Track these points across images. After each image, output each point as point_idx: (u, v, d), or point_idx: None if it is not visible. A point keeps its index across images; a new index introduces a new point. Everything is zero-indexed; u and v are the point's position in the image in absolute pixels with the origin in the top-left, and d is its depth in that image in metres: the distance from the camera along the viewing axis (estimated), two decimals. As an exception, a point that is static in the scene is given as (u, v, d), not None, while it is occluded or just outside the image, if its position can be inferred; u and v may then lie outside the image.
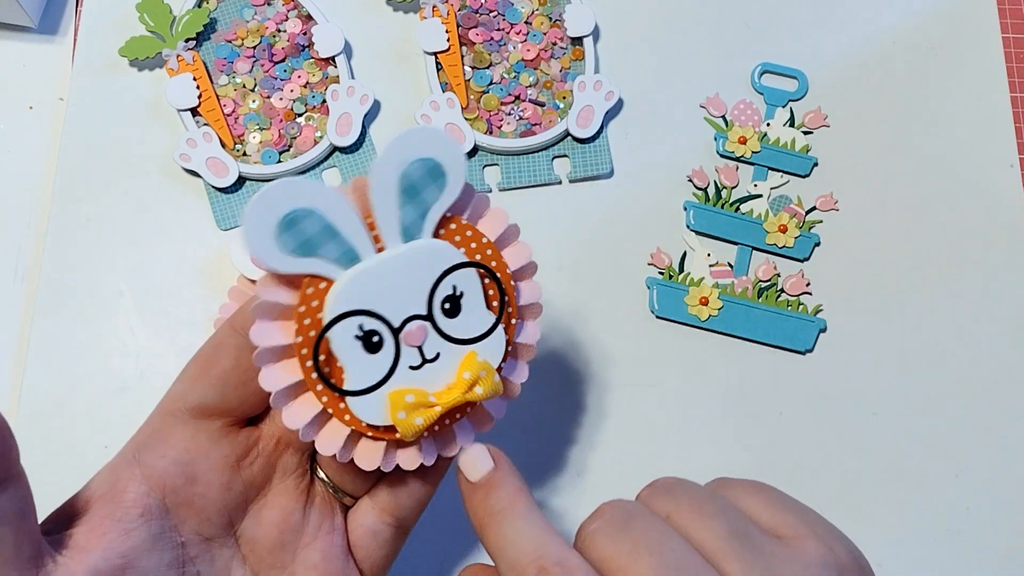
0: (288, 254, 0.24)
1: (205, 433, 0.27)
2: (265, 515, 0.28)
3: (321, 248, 0.24)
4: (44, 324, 0.41)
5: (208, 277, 0.42)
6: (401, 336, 0.25)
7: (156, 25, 0.44)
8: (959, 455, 0.41)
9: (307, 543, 0.28)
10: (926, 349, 0.42)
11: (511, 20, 0.45)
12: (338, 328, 0.25)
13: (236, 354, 0.27)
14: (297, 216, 0.24)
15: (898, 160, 0.45)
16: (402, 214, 0.25)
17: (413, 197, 0.25)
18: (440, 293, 0.25)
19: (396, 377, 0.25)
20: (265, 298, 0.24)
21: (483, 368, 0.26)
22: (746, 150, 0.44)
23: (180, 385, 0.28)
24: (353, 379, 0.25)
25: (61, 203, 0.43)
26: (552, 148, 0.44)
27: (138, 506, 0.25)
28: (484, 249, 0.26)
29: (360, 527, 0.29)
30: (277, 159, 0.43)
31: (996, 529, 0.40)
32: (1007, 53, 0.47)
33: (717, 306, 0.42)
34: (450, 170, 0.25)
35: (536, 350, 0.28)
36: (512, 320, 0.27)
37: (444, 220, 0.26)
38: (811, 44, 0.47)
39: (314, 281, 0.25)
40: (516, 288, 0.27)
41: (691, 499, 0.24)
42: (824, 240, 0.43)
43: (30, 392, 0.40)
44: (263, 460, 0.28)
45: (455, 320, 0.26)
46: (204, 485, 0.26)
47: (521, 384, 0.28)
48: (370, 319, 0.25)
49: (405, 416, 0.25)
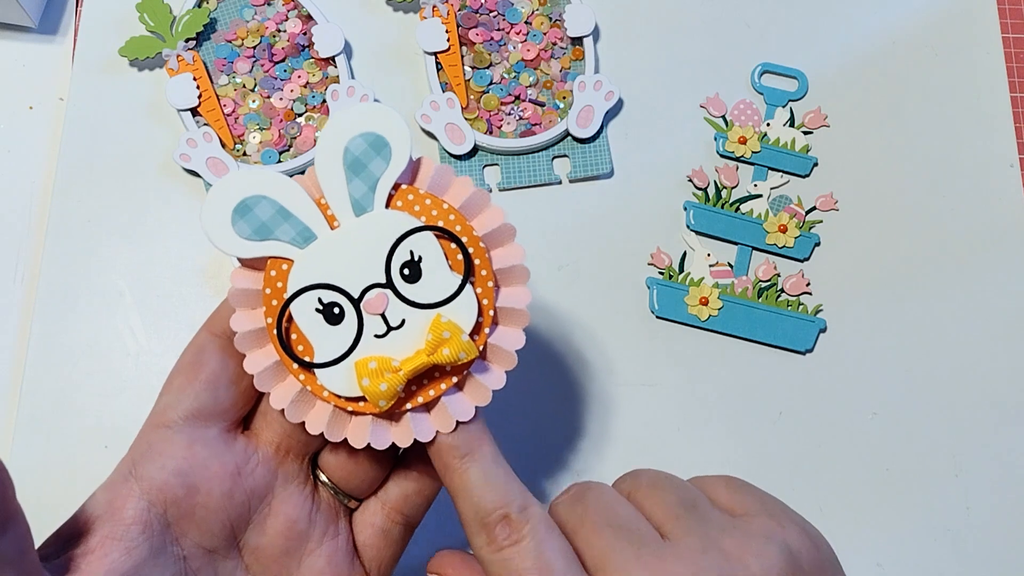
0: (246, 239, 0.25)
1: (202, 442, 0.27)
2: (269, 524, 0.28)
3: (276, 230, 0.25)
4: (44, 324, 0.41)
5: (208, 277, 0.42)
6: (362, 305, 0.26)
7: (156, 25, 0.44)
8: (959, 455, 0.41)
9: (312, 549, 0.28)
10: (926, 349, 0.42)
11: (511, 20, 0.45)
12: (298, 304, 0.26)
13: (220, 355, 0.27)
14: (249, 203, 0.25)
15: (898, 160, 0.45)
16: (350, 189, 0.26)
17: (359, 171, 0.26)
18: (397, 260, 0.26)
19: (362, 347, 0.26)
20: (236, 285, 0.26)
21: (447, 329, 0.26)
22: (746, 150, 0.44)
23: (169, 396, 0.27)
24: (320, 352, 0.26)
25: (61, 203, 0.43)
26: (552, 148, 0.44)
27: (138, 522, 0.25)
28: (446, 215, 0.26)
29: (369, 527, 0.29)
30: (277, 159, 0.43)
31: (996, 529, 0.40)
32: (1007, 53, 0.47)
33: (717, 306, 0.42)
34: (394, 141, 0.26)
35: (529, 316, 0.27)
36: (488, 283, 0.27)
37: (400, 191, 0.26)
38: (811, 44, 0.47)
39: (276, 263, 0.26)
40: (491, 254, 0.27)
41: (650, 478, 0.26)
42: (824, 240, 0.43)
43: (30, 392, 0.40)
44: (264, 468, 0.28)
45: (416, 285, 0.26)
46: (205, 495, 0.26)
47: (518, 351, 0.27)
48: (328, 292, 0.26)
49: (369, 383, 0.25)
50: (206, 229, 0.25)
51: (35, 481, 0.39)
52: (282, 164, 0.43)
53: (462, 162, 0.44)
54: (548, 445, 0.40)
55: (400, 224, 0.26)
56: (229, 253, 0.25)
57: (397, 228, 0.26)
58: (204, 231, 0.25)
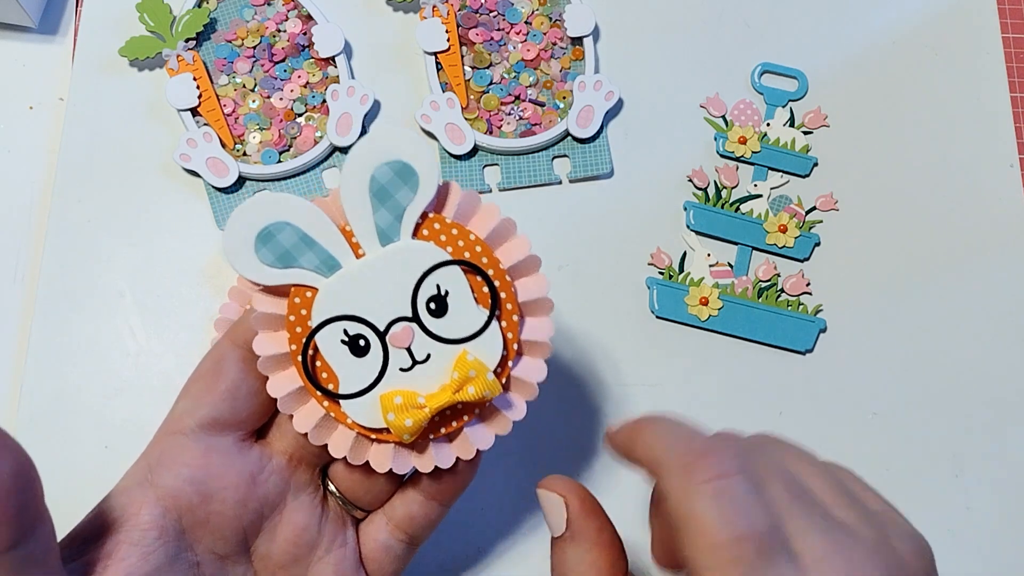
0: (269, 267, 0.25)
1: (217, 450, 0.27)
2: (280, 531, 0.28)
3: (300, 258, 0.25)
4: (44, 324, 0.41)
5: (208, 277, 0.42)
6: (387, 339, 0.25)
7: (156, 25, 0.44)
8: (959, 455, 0.41)
9: (320, 557, 0.28)
10: (926, 349, 0.42)
11: (511, 20, 0.45)
12: (324, 334, 0.25)
13: (241, 366, 0.27)
14: (272, 229, 0.24)
15: (898, 160, 0.45)
16: (376, 218, 0.25)
17: (385, 200, 0.25)
18: (424, 293, 0.26)
19: (387, 379, 0.26)
20: (259, 309, 0.25)
21: (473, 367, 0.25)
22: (746, 150, 0.44)
23: (186, 403, 0.27)
24: (345, 383, 0.26)
25: (61, 203, 0.43)
26: (552, 148, 0.44)
27: (154, 528, 0.25)
28: (472, 246, 0.26)
29: (373, 541, 0.29)
30: (277, 159, 0.43)
31: (996, 529, 0.40)
32: (1007, 53, 0.47)
33: (717, 306, 0.42)
34: (422, 170, 0.25)
35: (551, 347, 0.27)
36: (513, 317, 0.26)
37: (427, 220, 0.26)
38: (811, 44, 0.47)
39: (300, 290, 0.25)
40: (515, 285, 0.27)
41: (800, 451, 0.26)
42: (824, 240, 0.43)
43: (30, 392, 0.40)
44: (277, 477, 0.28)
45: (443, 320, 0.26)
46: (220, 503, 0.26)
47: (539, 383, 0.27)
48: (353, 323, 0.25)
49: (395, 418, 0.25)
50: (228, 256, 0.24)
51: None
52: (282, 164, 0.43)
53: (462, 162, 0.44)
54: (547, 446, 0.40)
55: (427, 257, 0.25)
56: (252, 280, 0.25)
57: (424, 261, 0.25)
58: (226, 257, 0.24)
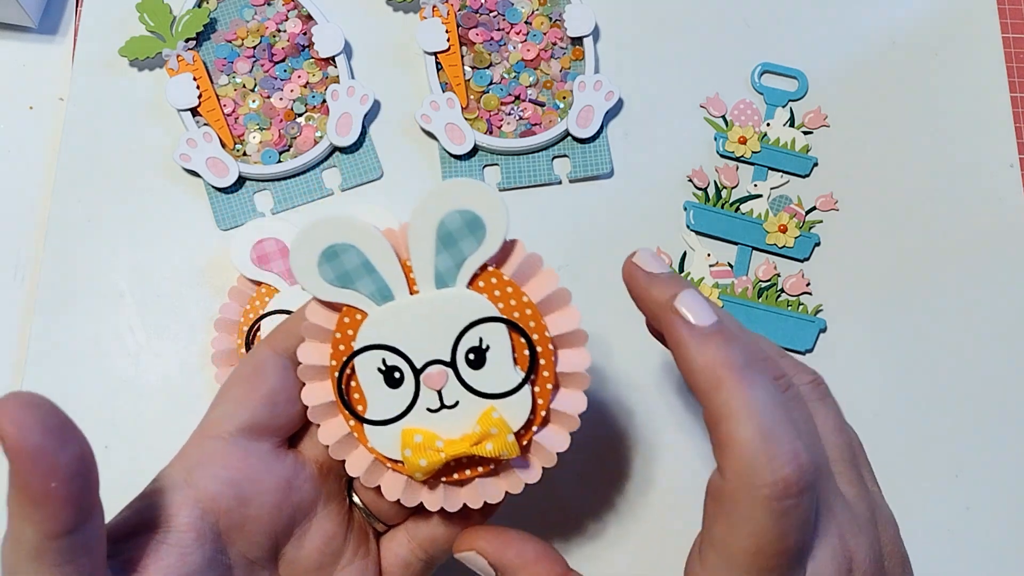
0: (328, 283, 0.26)
1: (256, 455, 0.27)
2: (308, 539, 0.28)
3: (358, 282, 0.26)
4: (44, 324, 0.41)
5: (208, 277, 0.42)
6: (422, 377, 0.26)
7: (156, 25, 0.44)
8: (959, 455, 0.41)
9: (344, 566, 0.29)
10: (926, 349, 0.42)
11: (511, 20, 0.45)
12: (363, 359, 0.26)
13: (282, 373, 0.28)
14: (338, 249, 0.25)
15: (898, 160, 0.45)
16: (437, 261, 0.26)
17: (450, 246, 0.26)
18: (466, 343, 0.26)
19: (413, 415, 0.26)
20: (311, 320, 0.26)
21: (496, 425, 0.26)
22: (746, 150, 0.44)
23: (225, 407, 0.27)
24: (373, 409, 0.26)
25: (61, 203, 0.43)
26: (552, 148, 0.44)
27: (192, 530, 0.25)
28: (523, 308, 0.26)
29: (393, 555, 0.30)
30: (277, 159, 0.43)
31: (996, 529, 0.40)
32: (1007, 53, 0.47)
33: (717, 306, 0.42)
34: (491, 224, 0.26)
35: (579, 422, 0.27)
36: (548, 385, 0.27)
37: (486, 272, 0.26)
38: (811, 44, 0.47)
39: (351, 311, 0.26)
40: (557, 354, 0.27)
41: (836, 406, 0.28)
42: (824, 240, 0.43)
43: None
44: (310, 485, 0.28)
45: (478, 372, 0.26)
46: (256, 507, 0.26)
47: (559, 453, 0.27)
48: (393, 355, 0.26)
49: (411, 454, 0.26)
50: (293, 264, 0.25)
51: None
52: (282, 164, 0.43)
53: (462, 162, 0.44)
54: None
55: (477, 308, 0.26)
56: (311, 293, 0.26)
57: (473, 312, 0.26)
58: (291, 266, 0.25)
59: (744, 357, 0.23)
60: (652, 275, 0.27)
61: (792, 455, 0.22)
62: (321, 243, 0.25)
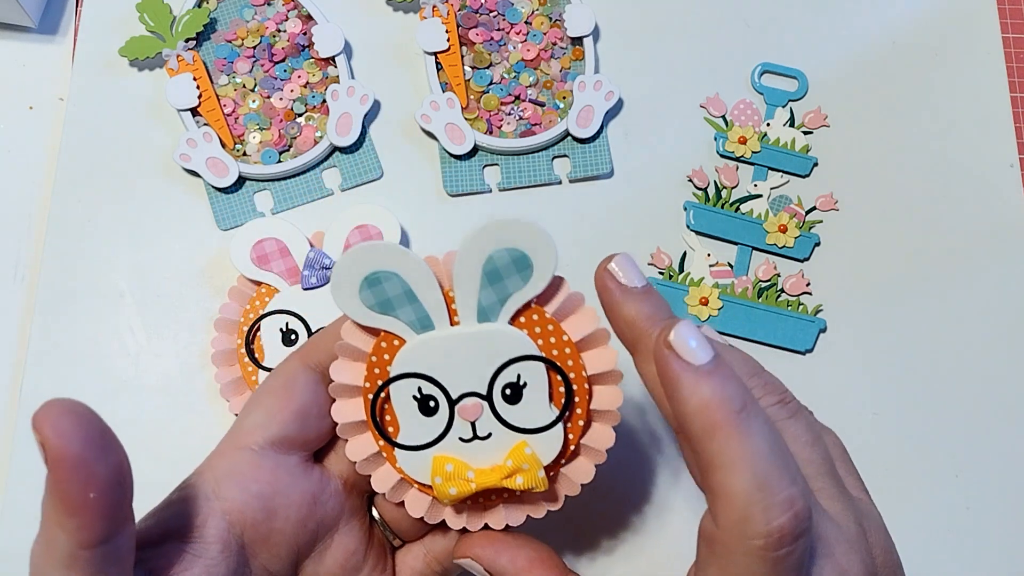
0: (368, 308, 0.26)
1: (284, 468, 0.27)
2: (329, 554, 0.28)
3: (399, 310, 0.26)
4: (44, 324, 0.41)
5: (208, 277, 0.42)
6: (456, 408, 0.26)
7: (156, 25, 0.44)
8: (959, 455, 0.41)
9: None
10: (926, 349, 0.42)
11: (511, 20, 0.45)
12: (399, 385, 0.26)
13: (312, 388, 0.28)
14: (381, 276, 0.25)
15: (898, 160, 0.45)
16: (481, 295, 0.26)
17: (495, 282, 0.26)
18: (503, 378, 0.26)
19: (445, 443, 0.27)
20: (346, 340, 0.26)
21: (528, 461, 0.26)
22: (746, 150, 0.44)
23: (256, 418, 0.27)
24: (404, 434, 0.27)
25: (61, 203, 0.43)
26: (552, 148, 0.44)
27: (219, 542, 0.25)
28: (562, 347, 0.26)
29: (409, 568, 0.30)
30: (277, 159, 0.43)
31: (996, 529, 0.40)
32: (1007, 53, 0.47)
33: (717, 306, 0.42)
34: (538, 264, 0.26)
35: (606, 456, 0.27)
36: (580, 421, 0.27)
37: (528, 309, 0.26)
38: (811, 44, 0.47)
39: (389, 337, 0.26)
40: (592, 391, 0.27)
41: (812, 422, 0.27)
42: (824, 240, 0.43)
43: (30, 392, 0.40)
44: (335, 500, 0.28)
45: (514, 407, 0.27)
46: (283, 521, 0.26)
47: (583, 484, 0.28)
48: (429, 385, 0.26)
49: (441, 482, 0.26)
50: (333, 287, 0.25)
51: (36, 482, 0.39)
52: (282, 164, 0.43)
53: (462, 162, 0.44)
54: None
55: (517, 346, 0.26)
56: (350, 317, 0.26)
57: (512, 349, 0.26)
58: (331, 288, 0.25)
59: (741, 398, 0.22)
60: (627, 289, 0.26)
61: (788, 503, 0.21)
62: (365, 268, 0.25)
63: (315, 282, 0.40)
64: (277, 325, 0.39)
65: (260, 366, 0.39)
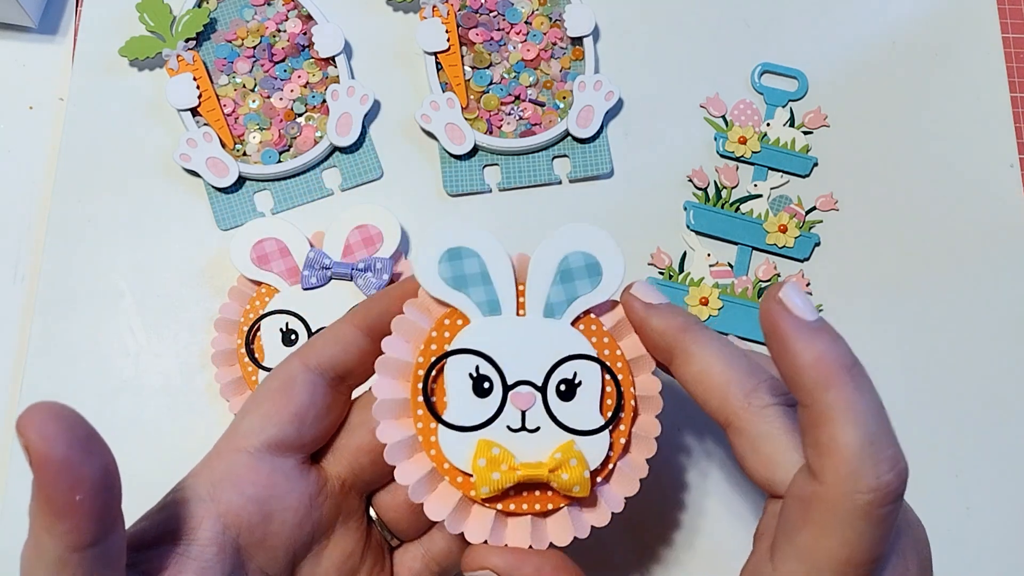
0: (443, 281, 0.27)
1: (281, 471, 0.27)
2: (326, 556, 0.28)
3: (471, 288, 0.27)
4: (44, 324, 0.41)
5: (208, 277, 0.42)
6: (510, 394, 0.26)
7: (156, 25, 0.44)
8: (959, 455, 0.41)
9: None
10: (926, 349, 0.42)
11: (511, 20, 0.45)
12: (456, 361, 0.26)
13: (311, 390, 0.27)
14: (462, 252, 0.27)
15: (898, 160, 0.45)
16: (551, 292, 0.27)
17: (566, 281, 0.27)
18: (560, 373, 0.27)
19: (492, 429, 0.26)
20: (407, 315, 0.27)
21: (576, 457, 0.26)
22: (746, 150, 0.44)
23: (252, 420, 0.27)
24: (452, 413, 0.26)
25: (61, 203, 0.43)
26: (552, 148, 0.44)
27: (214, 544, 0.25)
28: (615, 360, 0.27)
29: (407, 569, 0.30)
30: (277, 159, 0.43)
31: (996, 529, 0.40)
32: (1007, 53, 0.47)
33: (717, 306, 0.42)
34: (607, 274, 0.27)
35: (638, 487, 0.27)
36: (620, 440, 0.27)
37: (587, 319, 0.27)
38: (811, 44, 0.47)
39: (454, 314, 0.27)
40: (636, 411, 0.28)
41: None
42: (824, 240, 0.43)
43: (30, 392, 0.40)
44: (332, 502, 0.28)
45: (566, 404, 0.27)
46: (279, 524, 0.26)
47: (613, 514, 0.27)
48: (487, 365, 0.26)
49: (484, 465, 0.26)
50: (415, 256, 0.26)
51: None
52: (282, 164, 0.43)
53: (462, 162, 0.44)
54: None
55: (578, 344, 0.27)
56: (424, 286, 0.27)
57: (574, 346, 0.27)
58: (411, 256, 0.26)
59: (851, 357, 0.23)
60: (651, 305, 0.27)
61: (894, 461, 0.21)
62: (449, 242, 0.26)
63: (315, 282, 0.40)
64: (277, 325, 0.39)
65: (260, 366, 0.39)
